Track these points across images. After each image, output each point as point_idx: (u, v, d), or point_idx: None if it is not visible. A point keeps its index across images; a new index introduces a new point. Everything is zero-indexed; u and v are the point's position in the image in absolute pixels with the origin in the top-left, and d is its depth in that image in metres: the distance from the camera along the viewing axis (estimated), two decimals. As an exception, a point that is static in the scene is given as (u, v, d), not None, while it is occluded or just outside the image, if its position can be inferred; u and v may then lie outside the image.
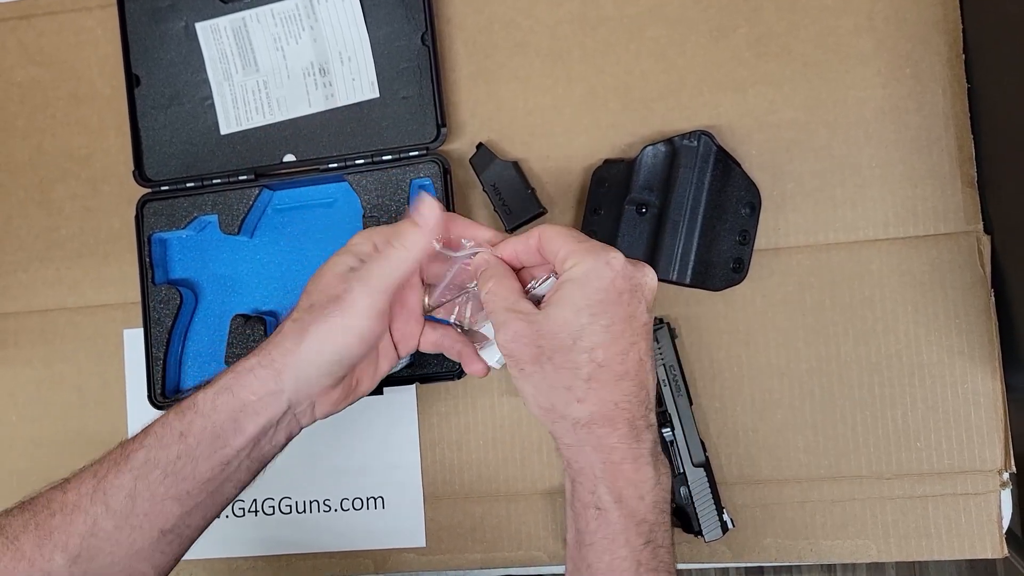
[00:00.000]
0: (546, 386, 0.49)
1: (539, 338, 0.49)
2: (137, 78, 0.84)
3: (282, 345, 0.54)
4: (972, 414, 0.75)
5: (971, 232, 0.75)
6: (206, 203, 0.81)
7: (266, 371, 0.54)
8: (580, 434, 0.49)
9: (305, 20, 0.81)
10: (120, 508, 0.52)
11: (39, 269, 0.87)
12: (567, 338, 0.48)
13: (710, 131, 0.75)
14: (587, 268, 0.49)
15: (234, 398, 0.54)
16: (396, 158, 0.79)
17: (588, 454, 0.49)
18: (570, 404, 0.48)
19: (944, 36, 0.76)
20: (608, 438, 0.48)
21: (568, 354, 0.48)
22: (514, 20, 0.81)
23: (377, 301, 0.53)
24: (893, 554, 0.75)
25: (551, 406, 0.49)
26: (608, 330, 0.48)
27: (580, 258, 0.50)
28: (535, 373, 0.49)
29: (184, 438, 0.53)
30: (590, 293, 0.48)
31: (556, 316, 0.49)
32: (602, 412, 0.48)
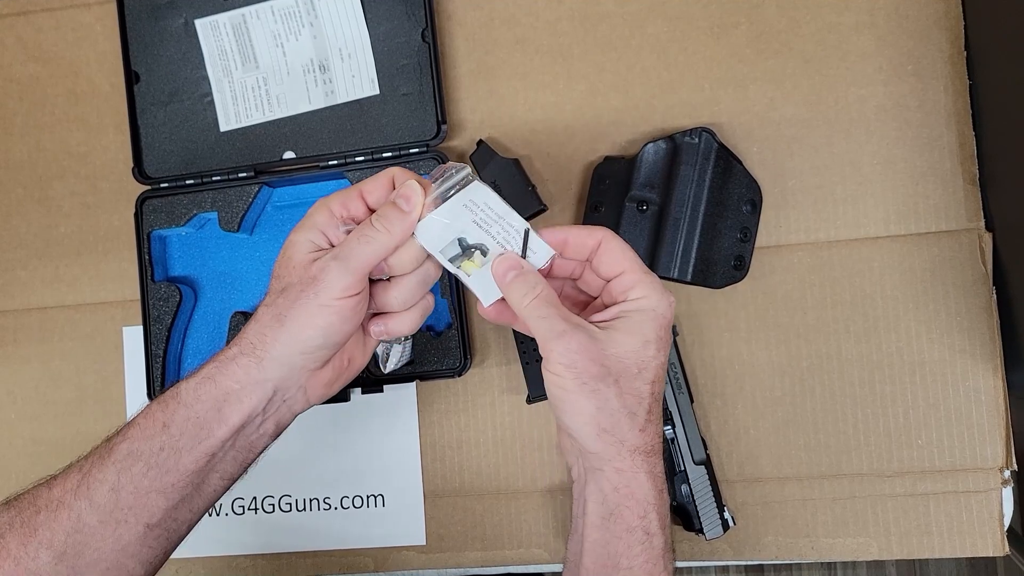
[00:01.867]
0: (611, 408, 0.48)
1: (604, 358, 0.48)
2: (136, 75, 0.83)
3: (261, 332, 0.53)
4: (973, 412, 0.74)
5: (973, 229, 0.75)
6: (205, 200, 0.81)
7: (247, 359, 0.53)
8: (636, 460, 0.48)
9: (305, 17, 0.81)
10: (104, 502, 0.51)
11: (38, 267, 0.86)
12: (633, 366, 0.48)
13: (711, 128, 0.75)
14: (655, 303, 0.50)
15: (216, 387, 0.53)
16: (396, 155, 0.79)
17: (643, 481, 0.48)
18: (632, 431, 0.48)
19: (946, 33, 0.76)
20: (658, 467, 0.49)
21: (633, 382, 0.48)
22: (514, 16, 0.81)
23: (355, 282, 0.51)
24: (894, 552, 0.75)
25: (612, 428, 0.48)
26: (662, 367, 0.49)
27: (649, 291, 0.50)
28: (600, 392, 0.48)
29: (167, 429, 0.52)
30: (656, 328, 0.49)
31: (624, 342, 0.48)
32: (654, 444, 0.49)
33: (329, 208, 0.54)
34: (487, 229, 0.54)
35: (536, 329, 0.50)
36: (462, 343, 0.77)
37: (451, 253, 0.54)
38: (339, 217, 0.54)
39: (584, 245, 0.52)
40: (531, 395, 0.77)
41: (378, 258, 0.52)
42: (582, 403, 0.48)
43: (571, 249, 0.53)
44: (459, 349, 0.77)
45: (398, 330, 0.57)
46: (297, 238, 0.54)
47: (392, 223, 0.52)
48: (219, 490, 0.56)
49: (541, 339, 0.49)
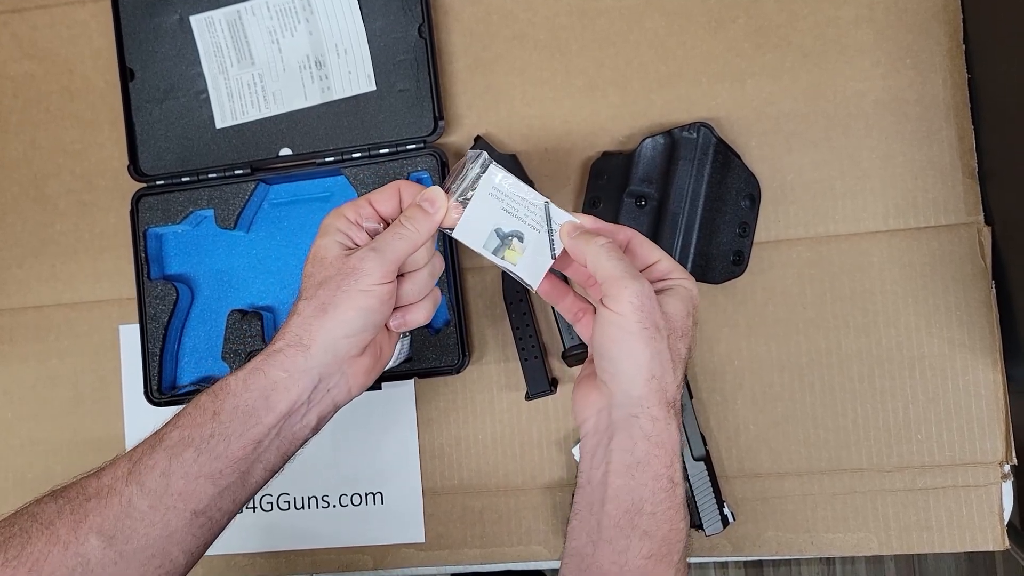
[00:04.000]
0: (662, 358, 0.52)
1: (661, 314, 0.53)
2: (131, 72, 0.83)
3: (306, 324, 0.56)
4: (973, 406, 0.74)
5: (972, 223, 0.75)
6: (202, 198, 0.81)
7: (294, 349, 0.56)
8: (670, 413, 0.52)
9: (301, 12, 0.81)
10: (155, 487, 0.53)
11: (34, 265, 0.86)
12: (679, 328, 0.53)
13: (709, 123, 0.75)
14: (691, 285, 0.56)
15: (265, 377, 0.55)
16: (393, 151, 0.79)
17: (672, 431, 0.52)
18: (673, 383, 0.52)
19: (944, 26, 0.76)
20: (677, 421, 0.52)
21: (678, 342, 0.53)
22: (512, 11, 0.81)
23: (389, 271, 0.56)
24: (894, 547, 0.75)
25: (660, 376, 0.52)
26: (694, 340, 0.55)
27: (683, 274, 0.56)
28: (657, 340, 0.52)
29: (217, 416, 0.55)
30: (690, 306, 0.55)
31: (675, 306, 0.54)
32: (681, 401, 0.53)
33: (345, 216, 0.59)
34: (515, 214, 0.58)
35: (611, 270, 0.53)
36: (460, 340, 0.77)
37: (493, 245, 0.58)
38: (355, 222, 0.59)
39: (617, 240, 0.57)
40: (530, 392, 0.77)
41: (408, 253, 0.57)
42: (640, 347, 0.51)
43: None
44: (457, 346, 0.77)
45: (415, 320, 0.61)
46: (325, 242, 0.58)
47: (419, 223, 0.57)
48: (260, 482, 0.58)
49: (615, 279, 0.52)
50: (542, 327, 0.79)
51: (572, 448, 0.78)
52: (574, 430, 0.79)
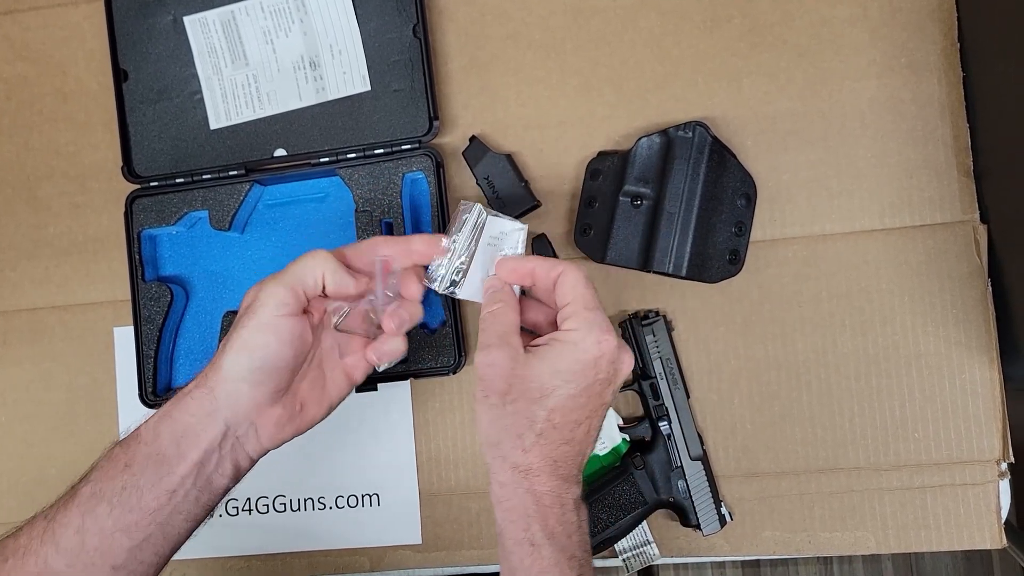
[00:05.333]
0: (500, 425, 0.51)
1: (512, 377, 0.51)
2: (125, 73, 0.82)
3: (212, 363, 0.55)
4: (970, 404, 0.74)
5: (967, 222, 0.75)
6: (196, 199, 0.81)
7: (201, 391, 0.54)
8: (517, 477, 0.50)
9: (295, 13, 0.80)
10: (70, 546, 0.52)
11: (27, 267, 0.85)
12: (535, 391, 0.51)
13: (705, 122, 0.75)
14: (579, 338, 0.52)
15: (174, 423, 0.54)
16: (388, 152, 0.79)
17: (521, 495, 0.50)
18: (515, 450, 0.50)
19: (939, 25, 0.76)
20: (542, 486, 0.50)
21: (531, 405, 0.50)
22: (506, 11, 0.80)
23: (285, 297, 0.54)
24: (892, 546, 0.75)
25: (498, 443, 0.51)
26: (572, 399, 0.51)
27: (579, 325, 0.52)
28: (496, 407, 0.51)
29: (129, 468, 0.53)
30: (571, 362, 0.51)
31: (535, 367, 0.52)
32: (540, 465, 0.50)
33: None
34: (502, 252, 0.59)
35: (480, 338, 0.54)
36: (456, 340, 0.76)
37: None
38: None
39: (549, 278, 0.55)
40: (526, 392, 0.77)
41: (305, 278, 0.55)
42: (480, 413, 0.52)
43: (539, 279, 0.56)
44: (453, 347, 0.77)
45: (392, 352, 0.60)
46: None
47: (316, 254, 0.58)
48: (183, 532, 0.56)
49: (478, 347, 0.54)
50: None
51: (569, 448, 0.78)
52: (571, 430, 0.78)
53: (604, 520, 0.74)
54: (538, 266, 0.55)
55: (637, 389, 0.76)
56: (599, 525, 0.74)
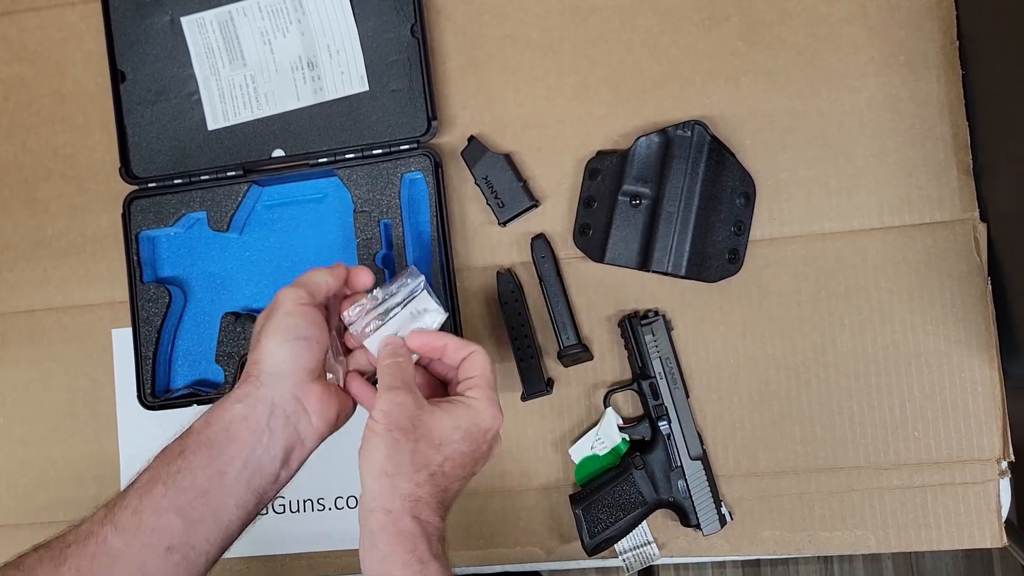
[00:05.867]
0: (400, 459, 0.56)
1: (417, 420, 0.57)
2: (122, 74, 0.82)
3: (251, 359, 0.61)
4: (970, 403, 0.74)
5: (967, 220, 0.75)
6: (194, 200, 0.80)
7: (245, 382, 0.60)
8: (407, 505, 0.56)
9: (292, 13, 0.80)
10: (127, 525, 0.55)
11: (26, 269, 0.85)
12: (436, 437, 0.57)
13: (703, 121, 0.75)
14: (482, 408, 0.59)
15: (224, 411, 0.59)
16: (386, 152, 0.78)
17: (409, 522, 0.55)
18: (408, 482, 0.56)
19: (938, 23, 0.76)
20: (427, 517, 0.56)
21: (428, 448, 0.57)
22: (504, 11, 0.80)
23: (300, 293, 0.61)
24: (892, 545, 0.75)
25: (395, 474, 0.56)
26: (463, 456, 0.58)
27: (482, 396, 0.60)
28: (399, 442, 0.56)
29: (183, 455, 0.57)
30: (470, 424, 0.59)
31: (439, 417, 0.58)
32: (428, 500, 0.56)
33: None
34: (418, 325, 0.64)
35: (379, 383, 0.60)
36: (455, 341, 0.76)
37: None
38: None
39: (458, 353, 0.62)
40: (526, 392, 0.77)
41: (313, 279, 0.62)
42: (380, 445, 0.57)
43: (448, 353, 0.63)
44: (452, 347, 0.76)
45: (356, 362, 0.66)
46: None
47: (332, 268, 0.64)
48: (234, 521, 0.58)
49: (380, 390, 0.59)
50: (537, 327, 0.79)
51: (569, 448, 0.78)
52: (570, 430, 0.78)
53: (604, 520, 0.74)
54: (451, 343, 0.62)
55: (637, 389, 0.76)
56: (599, 525, 0.74)
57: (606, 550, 0.76)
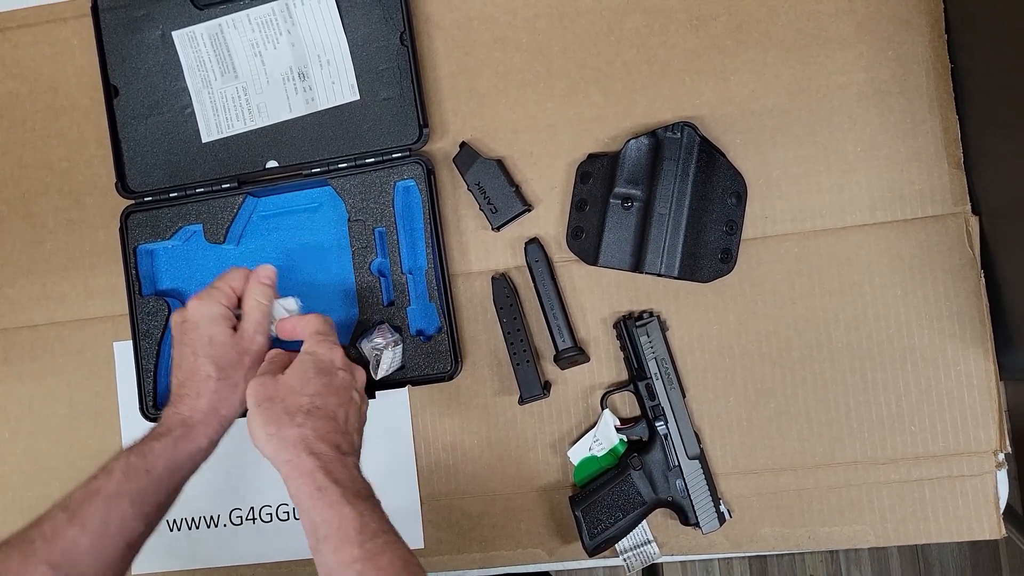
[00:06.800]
0: (273, 416, 0.64)
1: (277, 386, 0.66)
2: (115, 88, 0.83)
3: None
4: (966, 396, 0.74)
5: (959, 213, 0.75)
6: (190, 213, 0.81)
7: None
8: (298, 447, 0.62)
9: (282, 24, 0.81)
10: (95, 528, 0.62)
11: (25, 284, 0.86)
12: (295, 386, 0.65)
13: (693, 121, 0.75)
14: (312, 349, 0.68)
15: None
16: (379, 160, 0.79)
17: (304, 458, 0.62)
18: (291, 427, 0.63)
19: (926, 17, 0.76)
20: (319, 448, 0.62)
21: (295, 397, 0.65)
22: (492, 15, 0.81)
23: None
24: (891, 538, 0.75)
25: (277, 431, 0.63)
26: (325, 387, 0.66)
27: (313, 344, 0.69)
28: (267, 409, 0.64)
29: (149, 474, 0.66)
30: (314, 363, 0.67)
31: (292, 372, 0.67)
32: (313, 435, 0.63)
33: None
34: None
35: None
36: (452, 347, 0.77)
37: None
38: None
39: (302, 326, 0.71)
40: (523, 396, 0.77)
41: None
42: (255, 416, 0.64)
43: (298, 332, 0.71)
44: (449, 353, 0.77)
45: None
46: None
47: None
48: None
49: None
50: (534, 331, 0.79)
51: (567, 450, 0.78)
52: (568, 432, 0.79)
53: (604, 521, 0.75)
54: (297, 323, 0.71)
55: (633, 390, 0.76)
56: (599, 526, 0.75)
57: (607, 550, 0.76)
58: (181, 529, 0.83)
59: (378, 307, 0.78)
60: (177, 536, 0.83)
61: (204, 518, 0.83)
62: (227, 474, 0.83)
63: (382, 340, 0.76)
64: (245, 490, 0.83)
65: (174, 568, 0.83)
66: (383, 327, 0.77)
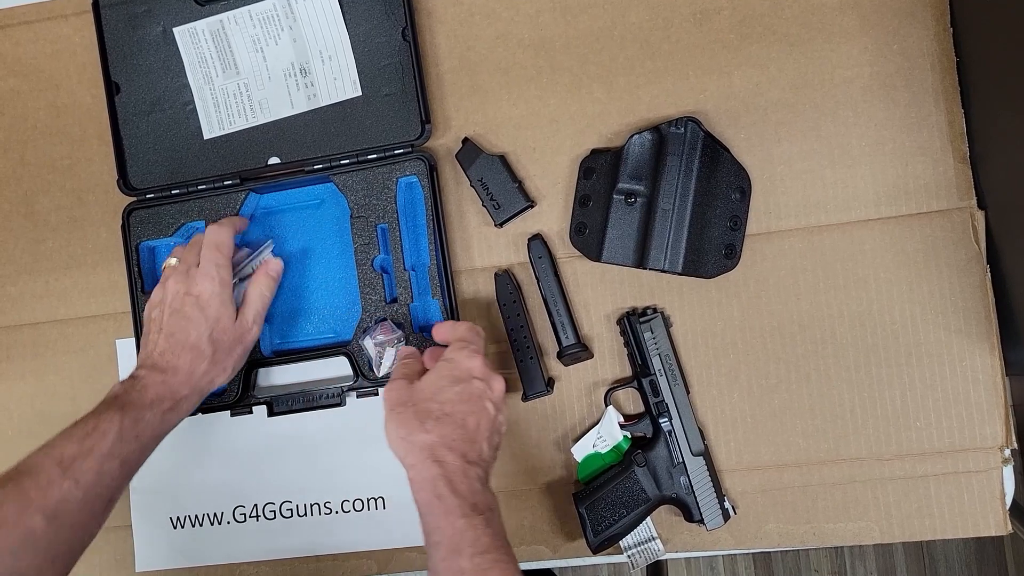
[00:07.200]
0: (405, 420, 0.65)
1: (411, 392, 0.67)
2: (117, 85, 0.83)
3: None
4: (971, 391, 0.74)
5: (964, 208, 0.74)
6: (193, 210, 0.81)
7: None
8: (424, 454, 0.63)
9: (284, 20, 0.80)
10: (88, 483, 0.65)
11: (27, 282, 0.86)
12: (428, 393, 0.67)
13: (697, 116, 0.74)
14: (453, 356, 0.68)
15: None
16: (381, 156, 0.79)
17: (429, 466, 0.63)
18: (419, 432, 0.64)
19: (930, 9, 0.75)
20: (444, 457, 0.63)
21: (427, 403, 0.66)
22: (495, 10, 0.80)
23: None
24: (896, 535, 0.75)
25: (406, 435, 0.65)
26: (459, 395, 0.66)
27: (455, 351, 0.69)
28: (400, 413, 0.66)
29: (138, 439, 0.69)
30: (452, 371, 0.67)
31: (429, 378, 0.68)
32: (441, 442, 0.64)
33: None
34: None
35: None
36: (455, 343, 0.77)
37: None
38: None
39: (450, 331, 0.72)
40: (527, 392, 0.77)
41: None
42: (388, 420, 0.66)
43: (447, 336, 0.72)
44: (452, 349, 0.77)
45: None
46: None
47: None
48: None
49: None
50: (537, 327, 0.79)
51: (571, 447, 0.78)
52: (572, 429, 0.79)
53: (608, 518, 0.74)
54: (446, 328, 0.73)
55: (637, 386, 0.76)
56: (603, 523, 0.75)
57: (611, 547, 0.76)
58: (185, 527, 0.83)
59: (381, 304, 0.78)
60: (181, 533, 0.83)
61: (208, 515, 0.83)
62: (231, 472, 0.83)
63: (385, 337, 0.76)
64: (249, 487, 0.83)
65: (178, 565, 0.83)
66: (386, 324, 0.77)
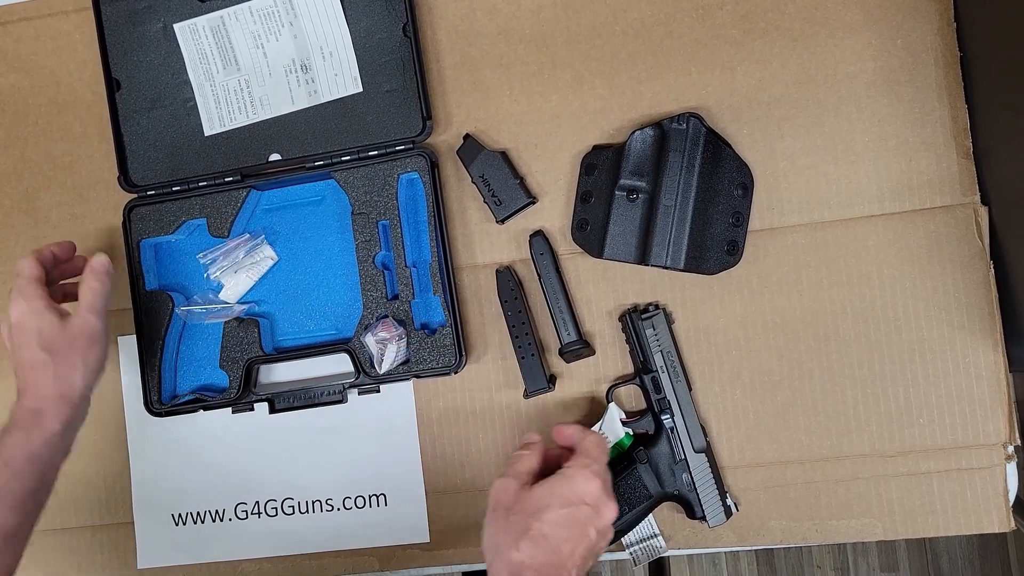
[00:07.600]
0: (501, 530, 0.63)
1: (518, 498, 0.64)
2: (117, 82, 0.82)
3: None
4: (975, 388, 0.74)
5: (968, 204, 0.74)
6: (193, 207, 0.81)
7: None
8: (514, 569, 0.61)
9: (284, 16, 0.80)
10: None
11: (29, 279, 0.86)
12: (534, 507, 0.63)
13: (699, 112, 0.74)
14: (572, 474, 0.64)
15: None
16: (382, 153, 0.78)
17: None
18: (511, 549, 0.61)
19: (935, 4, 0.75)
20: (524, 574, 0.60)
21: (527, 518, 0.62)
22: (495, 6, 0.80)
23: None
24: (899, 532, 0.75)
25: (497, 546, 0.62)
26: (562, 517, 0.62)
27: (576, 467, 0.65)
28: (501, 519, 0.63)
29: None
30: (564, 489, 0.63)
31: (539, 490, 0.64)
32: (530, 564, 0.61)
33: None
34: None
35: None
36: (456, 340, 0.76)
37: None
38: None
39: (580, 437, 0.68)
40: (528, 389, 0.77)
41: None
42: (487, 523, 0.64)
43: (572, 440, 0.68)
44: (454, 346, 0.77)
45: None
46: None
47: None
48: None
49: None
50: (538, 324, 0.79)
51: (573, 444, 0.78)
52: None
53: (610, 515, 0.74)
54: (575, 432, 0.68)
55: (639, 383, 0.76)
56: (605, 520, 0.74)
57: (613, 544, 0.76)
58: (187, 523, 0.83)
59: (382, 301, 0.78)
60: (182, 530, 0.83)
61: (210, 512, 0.83)
62: (232, 469, 0.83)
63: (386, 334, 0.76)
64: (251, 484, 0.83)
65: (180, 562, 0.84)
66: (387, 321, 0.77)
